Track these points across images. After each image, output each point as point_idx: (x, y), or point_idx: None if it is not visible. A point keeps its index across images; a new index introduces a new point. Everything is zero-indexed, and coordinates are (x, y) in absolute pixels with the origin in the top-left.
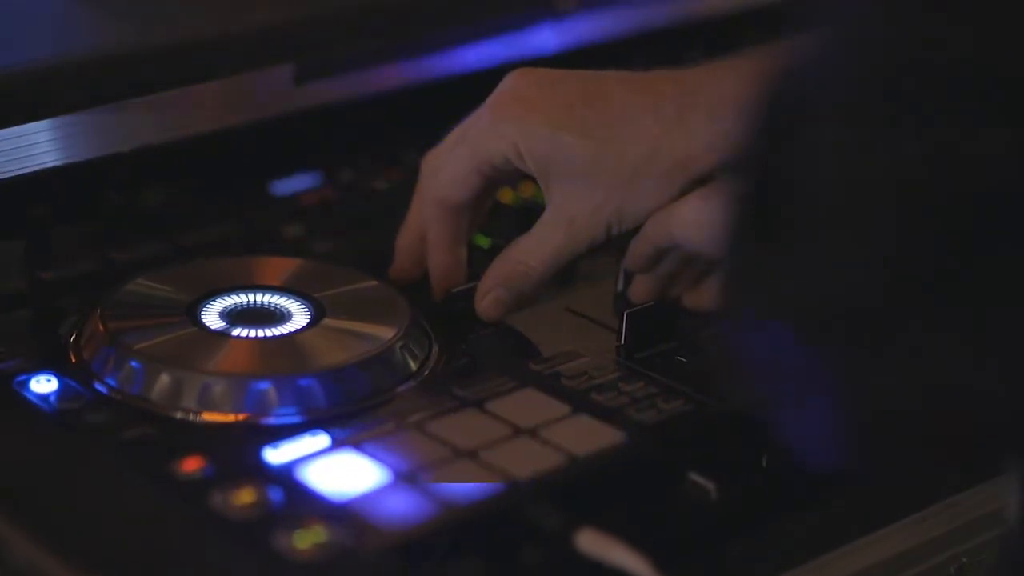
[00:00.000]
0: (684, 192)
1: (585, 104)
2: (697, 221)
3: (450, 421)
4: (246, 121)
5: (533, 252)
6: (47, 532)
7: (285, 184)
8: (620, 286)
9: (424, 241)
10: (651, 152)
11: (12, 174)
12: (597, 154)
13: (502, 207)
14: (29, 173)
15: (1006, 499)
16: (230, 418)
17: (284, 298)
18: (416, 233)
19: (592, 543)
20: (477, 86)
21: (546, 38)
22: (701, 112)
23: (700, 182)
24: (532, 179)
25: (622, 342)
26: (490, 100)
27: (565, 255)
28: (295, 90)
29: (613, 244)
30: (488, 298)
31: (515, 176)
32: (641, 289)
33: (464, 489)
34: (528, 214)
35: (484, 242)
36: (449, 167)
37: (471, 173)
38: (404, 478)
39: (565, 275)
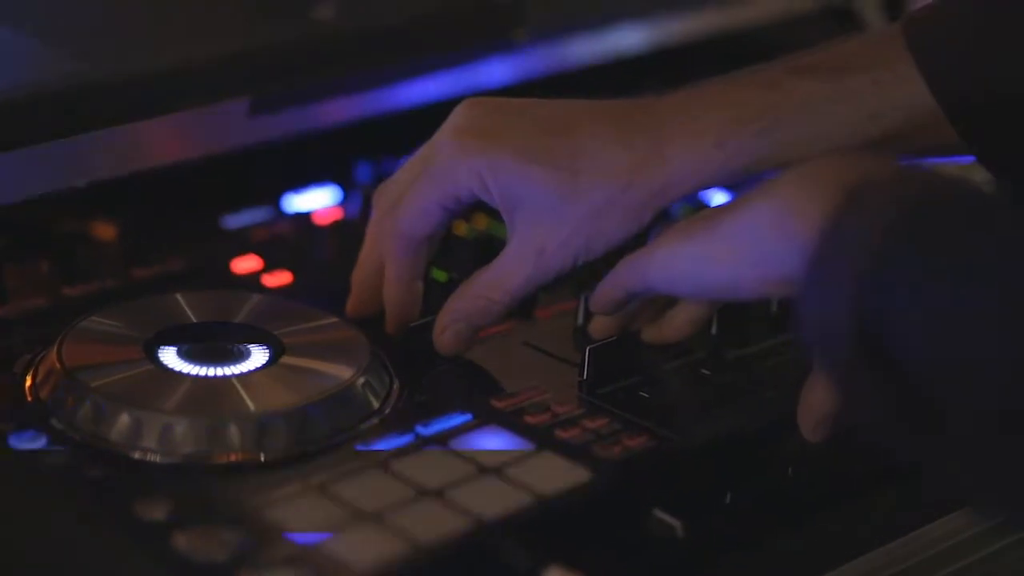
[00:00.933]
0: (656, 220)
1: (552, 134)
2: (674, 265)
3: (415, 460)
4: (199, 155)
5: (498, 285)
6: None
7: (237, 218)
8: (580, 320)
9: (380, 276)
10: (625, 184)
11: None
12: (567, 186)
13: (456, 240)
14: None
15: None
16: (192, 458)
17: (243, 335)
18: (373, 268)
19: None
20: (431, 118)
21: (502, 69)
22: (677, 142)
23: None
24: (487, 211)
25: (584, 377)
26: (449, 131)
27: (531, 287)
28: (248, 123)
29: (576, 274)
30: (448, 333)
31: (474, 208)
32: (601, 324)
33: (431, 529)
34: (483, 247)
35: (441, 276)
36: (411, 202)
37: (434, 207)
38: (370, 518)
39: (526, 308)
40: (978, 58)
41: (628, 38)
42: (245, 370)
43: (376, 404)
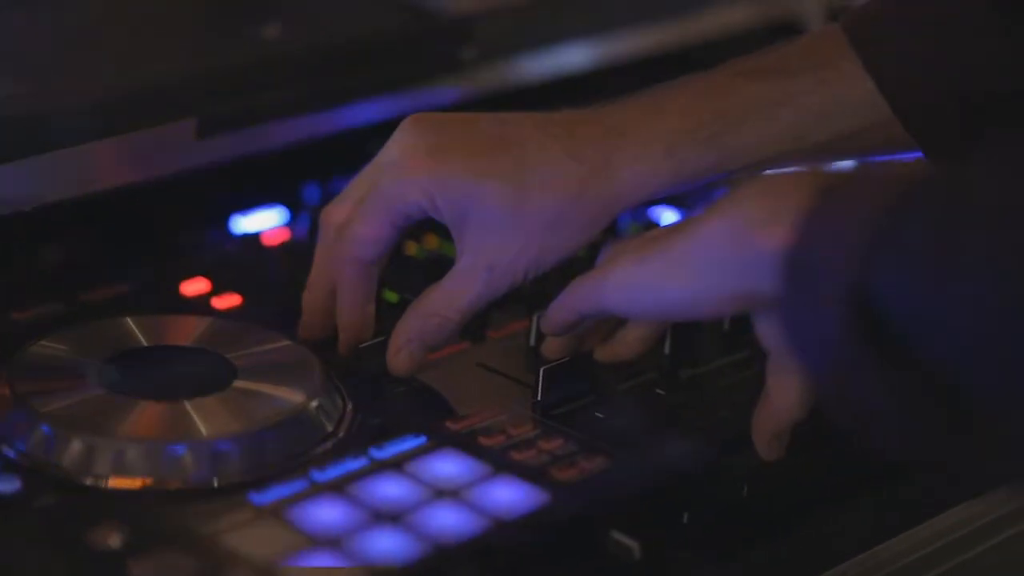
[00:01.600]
0: (607, 232)
1: (500, 149)
2: (630, 288)
3: (370, 483)
4: (147, 177)
5: (450, 303)
6: None
7: (186, 240)
8: (532, 340)
9: (332, 299)
10: (574, 196)
11: None
12: (516, 200)
13: (407, 260)
14: None
15: None
16: (145, 484)
17: (194, 359)
18: (323, 291)
19: None
20: (378, 138)
21: (449, 88)
22: (627, 152)
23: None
24: (437, 229)
25: (538, 398)
26: (394, 149)
27: (483, 303)
28: (196, 145)
29: (528, 287)
30: (402, 354)
31: (424, 227)
32: (554, 344)
33: (389, 553)
34: (433, 266)
35: (392, 297)
36: (361, 225)
37: (384, 229)
38: (326, 543)
39: (476, 328)
40: (924, 52)
41: (575, 56)
42: (197, 395)
43: (330, 427)
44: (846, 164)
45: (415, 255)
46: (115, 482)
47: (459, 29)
